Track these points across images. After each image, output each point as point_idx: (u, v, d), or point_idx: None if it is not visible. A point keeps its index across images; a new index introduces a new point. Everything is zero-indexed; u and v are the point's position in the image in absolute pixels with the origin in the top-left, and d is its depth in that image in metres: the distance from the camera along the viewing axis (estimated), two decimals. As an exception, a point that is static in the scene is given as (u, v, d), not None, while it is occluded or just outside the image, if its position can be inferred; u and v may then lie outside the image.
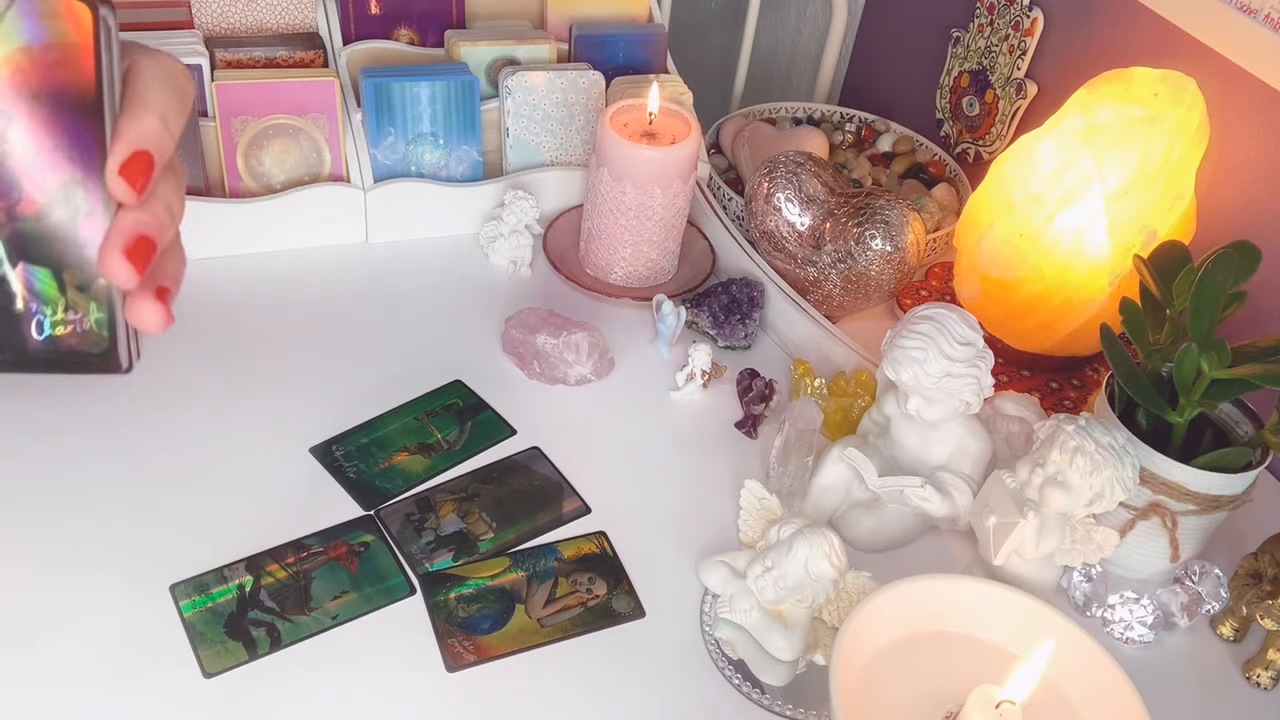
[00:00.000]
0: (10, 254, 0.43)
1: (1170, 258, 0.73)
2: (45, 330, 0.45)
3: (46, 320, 0.45)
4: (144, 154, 0.44)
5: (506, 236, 0.94)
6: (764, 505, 0.73)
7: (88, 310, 0.45)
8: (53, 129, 0.42)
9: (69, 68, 0.42)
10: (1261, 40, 0.81)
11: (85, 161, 0.43)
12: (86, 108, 0.42)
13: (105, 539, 0.69)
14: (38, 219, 0.43)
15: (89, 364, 0.45)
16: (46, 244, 0.43)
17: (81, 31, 0.41)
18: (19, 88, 0.42)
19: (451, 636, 0.66)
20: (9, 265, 0.43)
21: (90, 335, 0.45)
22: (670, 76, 1.05)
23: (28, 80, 0.42)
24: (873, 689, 0.57)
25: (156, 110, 0.45)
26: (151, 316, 0.45)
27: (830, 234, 0.89)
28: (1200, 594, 0.73)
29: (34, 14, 0.41)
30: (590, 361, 0.85)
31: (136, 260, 0.43)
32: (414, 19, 1.01)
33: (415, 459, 0.77)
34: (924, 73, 1.20)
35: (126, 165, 0.43)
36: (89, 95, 0.42)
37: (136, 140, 0.44)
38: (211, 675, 0.62)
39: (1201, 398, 0.69)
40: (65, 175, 0.43)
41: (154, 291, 0.45)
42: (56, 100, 0.42)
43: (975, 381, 0.70)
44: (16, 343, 0.44)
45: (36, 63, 0.42)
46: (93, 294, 0.44)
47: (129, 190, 0.43)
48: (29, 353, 0.45)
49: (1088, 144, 0.81)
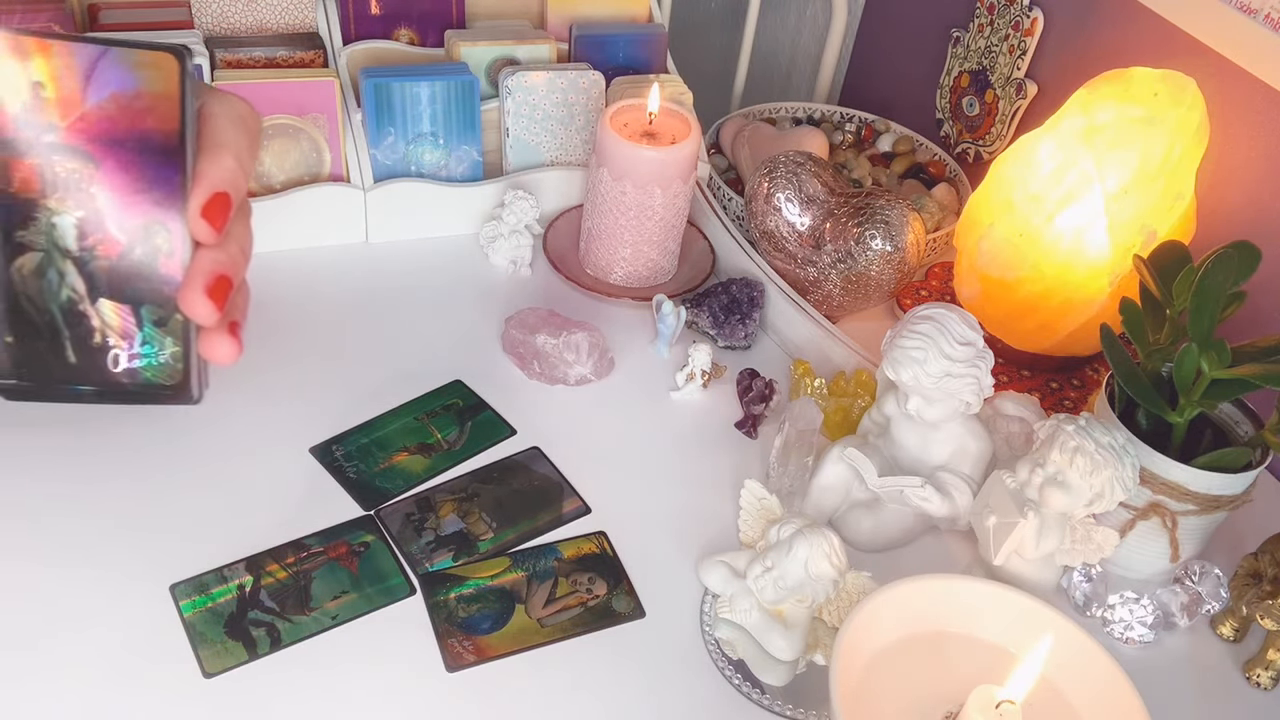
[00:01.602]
0: (91, 291, 0.45)
1: (1170, 258, 0.73)
2: (121, 363, 0.46)
3: (123, 354, 0.46)
4: (223, 195, 0.46)
5: (506, 236, 0.94)
6: (764, 505, 0.73)
7: (163, 344, 0.46)
8: (137, 172, 0.44)
9: (155, 114, 0.44)
10: (1261, 40, 0.81)
11: (167, 202, 0.45)
12: (170, 151, 0.44)
13: (105, 539, 0.69)
14: (119, 258, 0.45)
15: (162, 395, 0.47)
16: (127, 281, 0.45)
17: (168, 80, 0.43)
18: (107, 133, 0.44)
19: (451, 636, 0.66)
20: (89, 301, 0.45)
21: (165, 368, 0.47)
22: (670, 76, 1.05)
23: (115, 126, 0.44)
24: (873, 689, 0.57)
25: (232, 152, 0.46)
26: (225, 350, 0.47)
27: (830, 234, 0.89)
28: (1200, 594, 0.73)
29: (124, 64, 0.43)
30: (590, 361, 0.85)
31: (217, 298, 0.45)
32: (414, 19, 1.01)
33: (415, 459, 0.77)
34: (924, 73, 1.20)
35: (208, 206, 0.45)
36: (173, 140, 0.44)
37: (216, 182, 0.45)
38: (211, 675, 0.62)
39: (1201, 398, 0.69)
40: (147, 216, 0.45)
41: (227, 326, 0.47)
42: (142, 144, 0.44)
43: (975, 381, 0.70)
44: (95, 376, 0.46)
45: (125, 109, 0.43)
46: (169, 329, 0.46)
47: (210, 230, 0.45)
48: (106, 385, 0.46)
49: (1088, 144, 0.81)
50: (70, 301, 0.45)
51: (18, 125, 0.43)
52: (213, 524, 0.70)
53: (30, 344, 0.46)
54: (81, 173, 0.44)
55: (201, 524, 0.70)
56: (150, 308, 0.46)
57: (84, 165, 0.44)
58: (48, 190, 0.44)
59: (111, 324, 0.46)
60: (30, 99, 0.43)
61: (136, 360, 0.46)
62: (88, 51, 0.43)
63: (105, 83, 0.43)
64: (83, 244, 0.45)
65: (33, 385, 0.46)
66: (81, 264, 0.45)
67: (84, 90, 0.43)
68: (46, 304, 0.45)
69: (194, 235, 0.45)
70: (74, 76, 0.43)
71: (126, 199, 0.45)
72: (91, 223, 0.45)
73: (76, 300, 0.45)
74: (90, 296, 0.45)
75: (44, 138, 0.43)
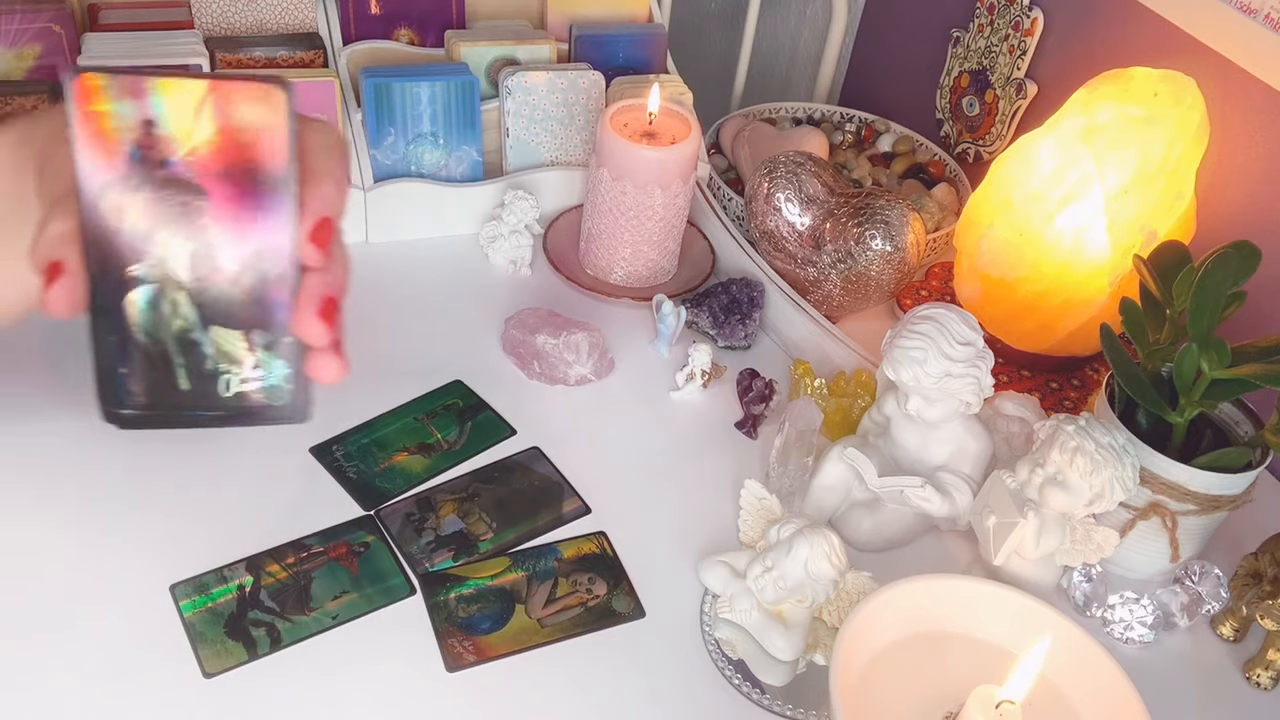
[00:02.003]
0: (203, 319, 0.46)
1: (1170, 258, 0.73)
2: (233, 388, 0.47)
3: (234, 379, 0.47)
4: (328, 220, 0.47)
5: (506, 236, 0.94)
6: (764, 505, 0.73)
7: (273, 367, 0.48)
8: (246, 202, 0.45)
9: (263, 145, 0.45)
10: (1261, 40, 0.81)
11: (275, 230, 0.46)
12: (277, 181, 0.45)
13: (105, 539, 0.69)
14: (230, 285, 0.46)
15: (271, 416, 0.48)
16: (237, 308, 0.46)
17: (275, 112, 0.44)
18: (217, 166, 0.45)
19: (451, 636, 0.66)
20: (202, 329, 0.46)
21: (275, 390, 0.48)
22: (670, 76, 1.05)
23: (225, 159, 0.45)
24: (873, 689, 0.57)
25: (331, 177, 0.48)
26: (332, 369, 0.48)
27: (830, 234, 0.89)
28: (1200, 594, 0.73)
29: (233, 98, 0.44)
30: (590, 361, 0.85)
31: (329, 320, 0.47)
32: (414, 19, 1.01)
33: (415, 459, 0.77)
34: (924, 73, 1.20)
35: (315, 232, 0.46)
36: (280, 170, 0.45)
37: (321, 208, 0.47)
38: (211, 675, 0.62)
39: (1201, 398, 0.69)
40: (256, 244, 0.46)
41: (331, 348, 0.48)
42: (250, 175, 0.45)
43: (975, 381, 0.70)
44: (207, 401, 0.47)
45: (234, 143, 0.44)
46: (279, 351, 0.47)
47: (319, 254, 0.46)
48: (218, 409, 0.47)
49: (1088, 144, 0.81)
50: (183, 331, 0.46)
51: (131, 163, 0.44)
52: (213, 524, 0.70)
53: (145, 374, 0.47)
54: (193, 205, 0.45)
55: (201, 524, 0.70)
56: (260, 332, 0.47)
57: (195, 198, 0.45)
58: (160, 224, 0.45)
59: (223, 350, 0.47)
60: (143, 136, 0.44)
61: (248, 384, 0.48)
62: (197, 87, 0.44)
63: (215, 117, 0.44)
64: (195, 274, 0.46)
65: (147, 414, 0.47)
66: (194, 294, 0.46)
67: (194, 125, 0.44)
68: (160, 334, 0.46)
69: (304, 260, 0.46)
70: (184, 113, 0.44)
71: (236, 229, 0.45)
72: (202, 253, 0.45)
73: (189, 329, 0.46)
74: (202, 324, 0.46)
75: (156, 173, 0.44)
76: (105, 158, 0.44)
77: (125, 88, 0.43)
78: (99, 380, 0.46)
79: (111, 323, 0.46)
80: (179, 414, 0.47)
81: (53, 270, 0.44)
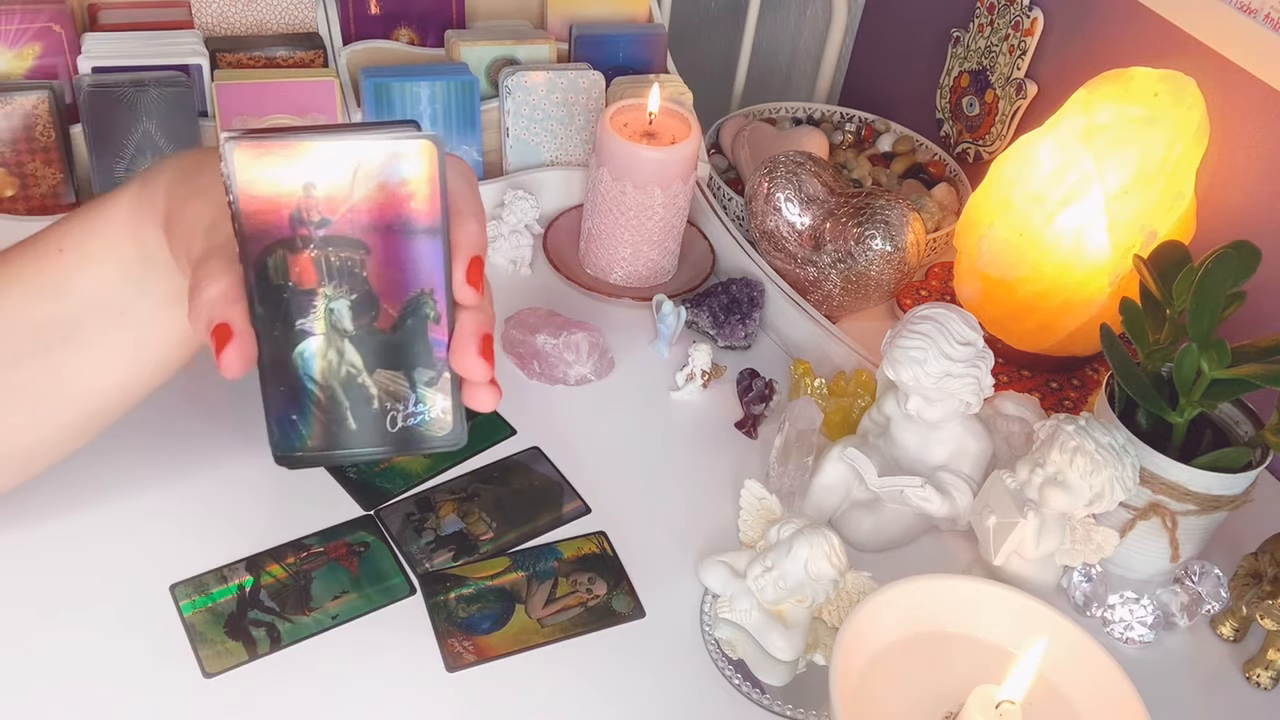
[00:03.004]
0: (367, 364, 0.48)
1: (1170, 258, 0.73)
2: (398, 424, 0.50)
3: (399, 415, 0.50)
4: (479, 259, 0.49)
5: (506, 236, 0.94)
6: (764, 505, 0.73)
7: (434, 401, 0.50)
8: (404, 251, 0.47)
9: (418, 197, 0.46)
10: (1261, 40, 0.81)
11: (430, 274, 0.48)
12: (432, 230, 0.47)
13: (105, 539, 0.69)
14: (392, 331, 0.48)
15: (432, 446, 0.51)
16: (399, 350, 0.49)
17: (429, 165, 0.46)
18: (375, 221, 0.47)
19: (451, 636, 0.66)
20: (367, 373, 0.49)
21: (436, 422, 0.50)
22: (670, 76, 1.05)
23: (383, 214, 0.47)
24: (873, 689, 0.57)
25: (474, 215, 0.50)
26: (488, 399, 0.50)
27: (830, 234, 0.89)
28: (1200, 594, 0.73)
29: (388, 155, 0.46)
30: (590, 361, 0.85)
31: (487, 356, 0.49)
32: (414, 19, 1.01)
33: (415, 459, 0.77)
34: (924, 73, 1.20)
35: (470, 272, 0.48)
36: (435, 219, 0.47)
37: (471, 248, 0.48)
38: (211, 675, 0.62)
39: (1201, 398, 0.69)
40: (415, 289, 0.48)
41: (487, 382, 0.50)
42: (407, 227, 0.47)
43: (975, 381, 0.70)
44: (375, 437, 0.49)
45: (391, 197, 0.46)
46: (439, 386, 0.49)
47: (474, 294, 0.48)
48: (385, 444, 0.50)
49: (1088, 144, 0.81)
50: (349, 376, 0.48)
51: (294, 224, 0.46)
52: (213, 524, 0.70)
53: (315, 419, 0.49)
54: (354, 259, 0.47)
55: (201, 524, 0.70)
56: (421, 370, 0.49)
57: (356, 252, 0.47)
58: (324, 279, 0.47)
59: (388, 390, 0.49)
60: (303, 198, 0.45)
61: (411, 420, 0.50)
62: (354, 148, 0.45)
63: (371, 175, 0.46)
64: (358, 323, 0.48)
65: (316, 456, 0.49)
66: (358, 341, 0.48)
67: (352, 184, 0.46)
68: (329, 381, 0.48)
69: (460, 301, 0.48)
70: (342, 173, 0.45)
71: (395, 277, 0.47)
72: (364, 303, 0.48)
73: (355, 374, 0.48)
74: (367, 369, 0.48)
75: (318, 232, 0.46)
76: (269, 222, 0.45)
77: (286, 154, 0.45)
78: (272, 428, 0.48)
79: (282, 374, 0.48)
80: (348, 453, 0.50)
81: (221, 332, 0.46)
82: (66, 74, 0.90)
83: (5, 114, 0.85)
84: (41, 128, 0.87)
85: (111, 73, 0.88)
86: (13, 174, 0.88)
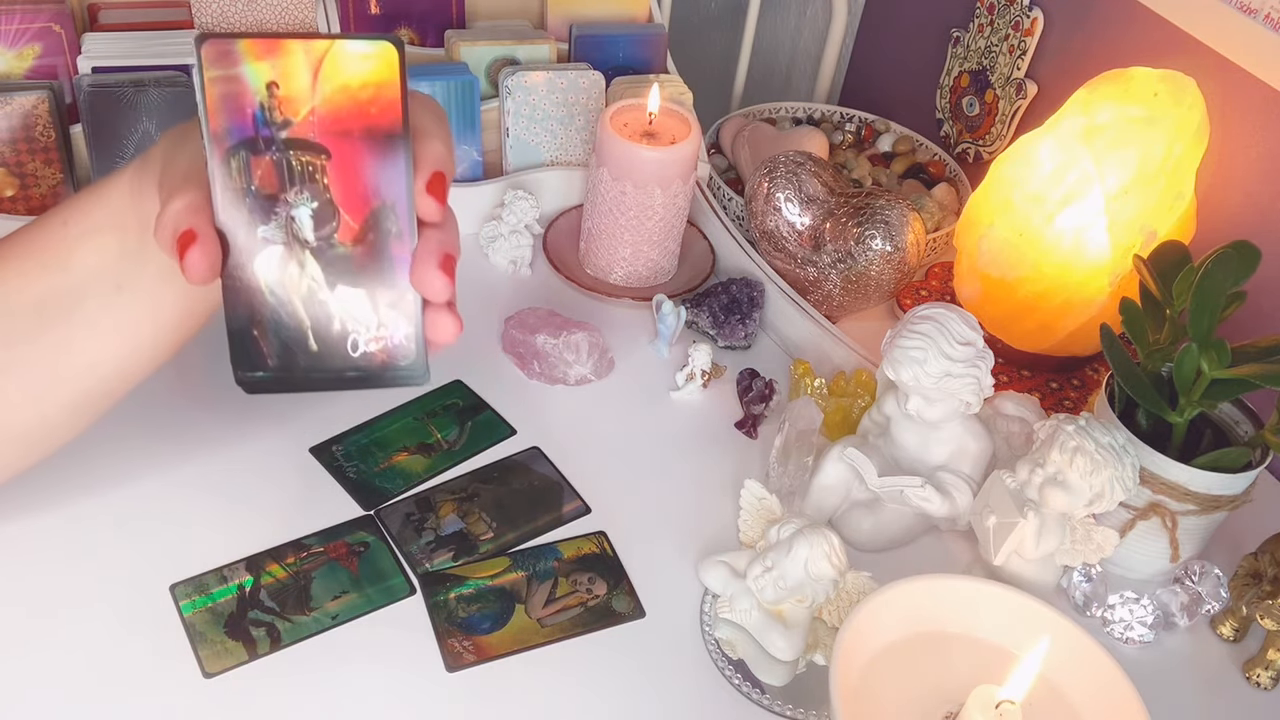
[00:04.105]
0: (329, 279, 0.47)
1: (1170, 258, 0.73)
2: (360, 348, 0.49)
3: (361, 339, 0.48)
4: (441, 174, 0.48)
5: (506, 236, 0.94)
6: (764, 505, 0.73)
7: (397, 326, 0.49)
8: (365, 159, 0.46)
9: (379, 103, 0.46)
10: (1261, 40, 0.81)
11: (393, 187, 0.47)
12: (394, 138, 0.46)
13: (105, 539, 0.69)
14: (353, 244, 0.47)
15: (396, 378, 0.49)
16: (361, 267, 0.48)
17: (389, 69, 0.46)
18: (337, 125, 0.46)
19: (451, 636, 0.66)
20: (328, 289, 0.47)
21: (400, 349, 0.49)
22: (670, 76, 1.05)
23: (345, 117, 0.46)
24: (873, 689, 0.57)
25: (438, 136, 0.49)
26: (449, 326, 0.50)
27: (830, 234, 0.89)
28: (1200, 594, 0.73)
29: (349, 56, 0.45)
30: (590, 361, 0.85)
31: (449, 273, 0.48)
32: (414, 19, 1.01)
33: (415, 459, 0.77)
34: (924, 73, 1.20)
35: (431, 185, 0.48)
36: (397, 127, 0.46)
37: (433, 163, 0.48)
38: (211, 675, 0.62)
39: (1201, 398, 0.69)
40: (376, 201, 0.47)
41: (448, 306, 0.49)
42: (368, 133, 0.46)
43: (975, 381, 0.70)
44: (336, 362, 0.48)
45: (352, 100, 0.46)
46: (401, 309, 0.48)
47: (436, 207, 0.48)
48: (346, 369, 0.49)
49: (1088, 144, 0.81)
50: (310, 291, 0.47)
51: (257, 124, 0.45)
52: (213, 524, 0.70)
53: (276, 336, 0.48)
54: (315, 164, 0.46)
55: (201, 524, 0.70)
56: (384, 290, 0.48)
57: (317, 157, 0.46)
58: (285, 184, 0.46)
59: (350, 310, 0.48)
60: (267, 98, 0.45)
61: (374, 344, 0.49)
62: (315, 47, 0.45)
63: (333, 76, 0.45)
64: (319, 234, 0.47)
65: (278, 376, 0.48)
66: (319, 254, 0.47)
67: (314, 85, 0.45)
68: (289, 295, 0.47)
69: (421, 214, 0.47)
70: (305, 73, 0.45)
71: (356, 187, 0.47)
72: (326, 213, 0.47)
73: (315, 289, 0.47)
74: (329, 284, 0.47)
75: (280, 134, 0.45)
76: (232, 120, 0.45)
77: (249, 51, 0.44)
78: (232, 344, 0.47)
79: (244, 286, 0.47)
80: (309, 376, 0.48)
81: (185, 239, 0.46)
82: (66, 74, 0.90)
83: (5, 114, 0.85)
84: (41, 128, 0.87)
85: (111, 73, 0.88)
86: (13, 174, 0.88)
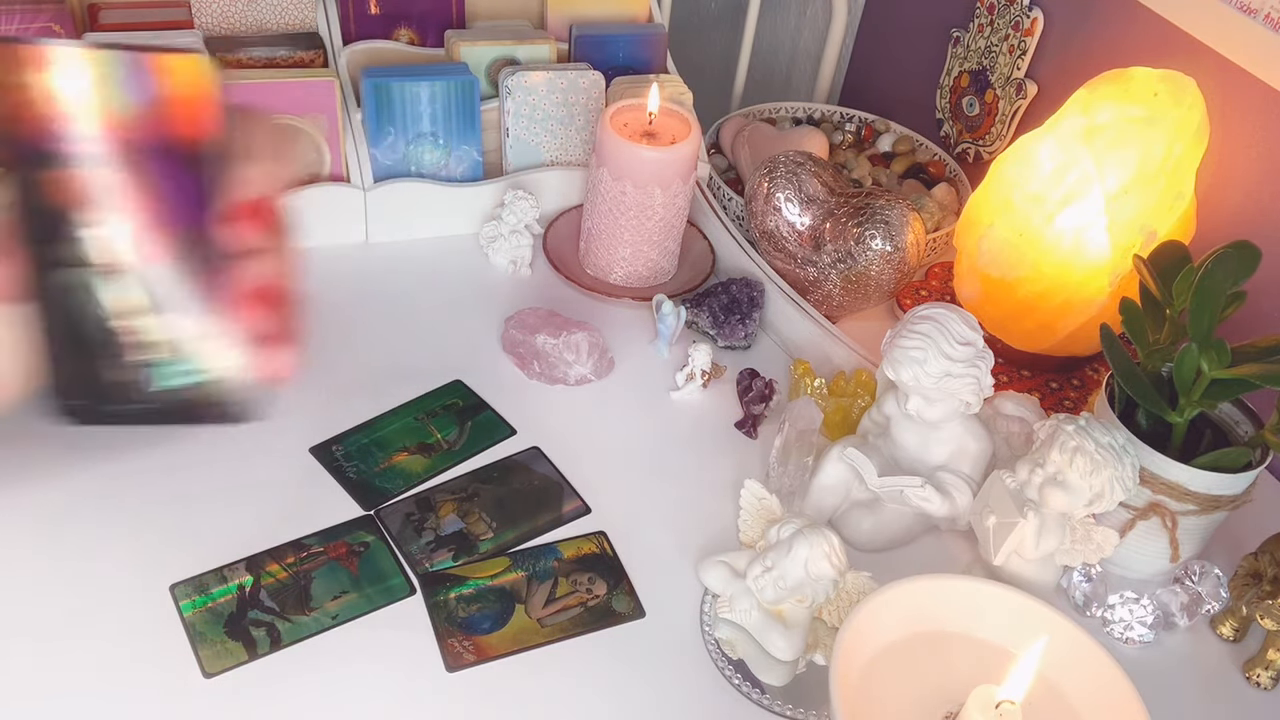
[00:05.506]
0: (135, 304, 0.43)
1: (1170, 258, 0.73)
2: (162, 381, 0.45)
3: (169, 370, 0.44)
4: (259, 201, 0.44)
5: (506, 236, 0.94)
6: (764, 505, 0.73)
7: (208, 362, 0.44)
8: (174, 179, 0.42)
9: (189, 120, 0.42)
10: (1261, 40, 0.81)
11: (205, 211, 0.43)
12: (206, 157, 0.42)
13: (105, 539, 0.69)
14: (161, 270, 0.43)
15: (206, 415, 0.45)
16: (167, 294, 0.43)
17: (200, 83, 0.42)
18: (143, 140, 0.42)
19: (451, 636, 0.66)
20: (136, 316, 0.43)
21: (212, 386, 0.45)
22: (670, 76, 1.05)
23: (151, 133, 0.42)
24: (873, 689, 0.57)
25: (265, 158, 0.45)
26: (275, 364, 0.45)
27: (830, 234, 0.89)
28: (1200, 594, 0.73)
29: (157, 68, 0.41)
30: (590, 361, 0.85)
31: (267, 306, 0.43)
32: (414, 19, 1.01)
33: (415, 459, 0.77)
34: (924, 73, 1.20)
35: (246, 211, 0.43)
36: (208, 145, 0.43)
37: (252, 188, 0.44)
38: (211, 675, 0.62)
39: (1201, 398, 0.69)
40: (185, 224, 0.43)
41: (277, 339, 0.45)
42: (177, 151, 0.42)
43: (975, 381, 0.70)
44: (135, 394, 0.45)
45: (160, 115, 0.42)
46: (214, 344, 0.44)
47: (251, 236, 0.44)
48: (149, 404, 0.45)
49: (1088, 144, 0.81)
50: (116, 316, 0.43)
51: (57, 137, 0.41)
52: (213, 524, 0.70)
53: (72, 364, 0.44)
54: (120, 181, 0.42)
55: (201, 524, 0.70)
56: (193, 320, 0.43)
57: (121, 173, 0.42)
58: (86, 202, 0.42)
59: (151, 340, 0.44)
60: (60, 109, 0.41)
61: (178, 379, 0.44)
62: (122, 59, 0.41)
63: (140, 88, 0.41)
64: (123, 258, 0.42)
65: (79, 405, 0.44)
66: (123, 279, 0.43)
67: (121, 97, 0.41)
68: (88, 322, 0.43)
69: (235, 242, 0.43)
70: (109, 83, 0.41)
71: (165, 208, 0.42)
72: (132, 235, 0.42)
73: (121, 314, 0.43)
74: (137, 311, 0.43)
75: (82, 148, 0.41)
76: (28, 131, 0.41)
77: (51, 59, 0.40)
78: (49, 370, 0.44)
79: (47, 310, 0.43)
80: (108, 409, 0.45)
81: None
82: (66, 74, 0.90)
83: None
84: (41, 128, 0.86)
85: (111, 73, 0.88)
86: (13, 174, 0.88)
